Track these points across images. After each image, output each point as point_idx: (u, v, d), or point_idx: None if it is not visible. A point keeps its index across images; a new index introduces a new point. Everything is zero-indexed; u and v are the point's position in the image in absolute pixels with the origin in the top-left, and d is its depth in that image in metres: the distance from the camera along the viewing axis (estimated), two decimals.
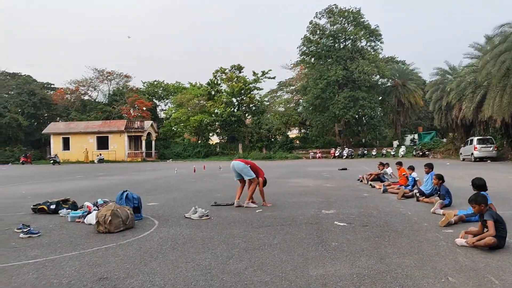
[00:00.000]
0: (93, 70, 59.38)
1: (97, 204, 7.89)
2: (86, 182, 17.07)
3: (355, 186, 12.81)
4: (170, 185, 14.63)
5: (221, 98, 51.69)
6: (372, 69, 43.76)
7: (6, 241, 5.72)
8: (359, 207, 8.35)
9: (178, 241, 5.57)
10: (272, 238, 5.63)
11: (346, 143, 48.77)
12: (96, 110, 56.13)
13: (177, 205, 9.03)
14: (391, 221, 6.77)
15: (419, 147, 43.33)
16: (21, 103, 53.88)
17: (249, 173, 8.63)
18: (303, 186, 13.15)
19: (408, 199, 9.42)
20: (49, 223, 7.04)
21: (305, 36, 47.53)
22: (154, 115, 59.86)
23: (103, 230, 6.06)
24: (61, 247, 5.28)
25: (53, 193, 11.64)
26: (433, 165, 9.97)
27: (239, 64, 53.31)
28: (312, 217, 7.32)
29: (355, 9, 46.83)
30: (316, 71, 46.93)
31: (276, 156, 45.37)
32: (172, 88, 62.40)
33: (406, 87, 48.94)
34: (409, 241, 5.33)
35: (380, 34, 47.02)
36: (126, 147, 48.90)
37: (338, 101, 44.55)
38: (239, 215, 7.62)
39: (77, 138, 49.68)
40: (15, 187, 14.85)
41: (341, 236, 5.69)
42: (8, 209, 8.86)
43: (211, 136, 58.67)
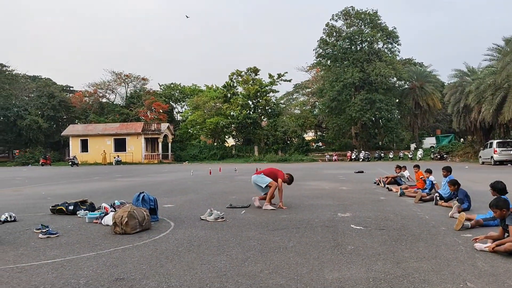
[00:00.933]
0: (111, 73, 60.24)
1: (114, 205, 7.98)
2: (104, 183, 17.29)
3: (372, 189, 12.70)
4: (186, 187, 14.72)
5: (237, 101, 51.82)
6: (389, 71, 43.35)
7: (26, 241, 5.82)
8: (375, 211, 8.27)
9: (194, 243, 5.59)
10: (288, 241, 5.61)
11: (363, 145, 48.37)
12: (114, 112, 56.81)
13: (193, 207, 9.08)
14: (408, 225, 6.69)
15: (437, 150, 42.72)
16: (41, 106, 54.85)
17: (264, 180, 8.73)
18: (319, 189, 13.09)
19: (426, 203, 9.29)
20: (67, 223, 7.14)
21: (322, 38, 47.38)
22: (171, 117, 60.31)
23: (119, 231, 6.13)
24: (79, 248, 5.35)
25: (71, 194, 11.82)
26: (451, 168, 9.82)
27: (255, 67, 53.43)
28: (328, 220, 7.28)
29: (372, 11, 46.56)
30: (332, 74, 46.71)
31: (291, 159, 45.24)
32: (189, 90, 62.80)
33: (424, 90, 48.35)
34: (427, 245, 5.25)
35: (397, 36, 46.63)
36: (143, 149, 49.36)
37: (354, 103, 44.25)
38: (254, 217, 7.62)
39: (95, 140, 50.33)
40: (35, 188, 15.12)
41: (357, 240, 5.65)
42: (28, 209, 9.02)
43: (227, 138, 58.81)
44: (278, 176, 8.84)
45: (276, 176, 8.82)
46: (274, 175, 8.84)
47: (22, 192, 13.64)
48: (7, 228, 6.77)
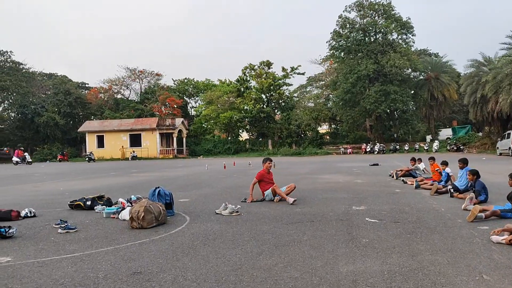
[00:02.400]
0: (125, 69, 60.78)
1: (131, 200, 8.10)
2: (120, 178, 17.51)
3: (387, 182, 12.63)
4: (201, 181, 14.83)
5: (251, 95, 51.82)
6: (404, 62, 42.77)
7: (46, 236, 5.96)
8: (390, 203, 8.24)
9: (209, 236, 5.66)
10: (302, 235, 5.64)
11: (378, 138, 47.96)
12: (129, 108, 57.31)
13: (207, 201, 9.16)
14: (423, 218, 6.66)
15: (453, 142, 42.15)
16: (57, 103, 55.62)
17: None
18: (333, 182, 13.08)
19: (442, 195, 9.22)
20: (85, 218, 7.28)
21: (335, 30, 46.95)
22: (185, 112, 60.62)
23: (136, 225, 6.23)
24: (97, 242, 5.46)
25: (88, 190, 12.01)
26: (467, 160, 9.71)
27: (268, 60, 53.29)
28: (342, 213, 7.28)
29: (385, 2, 45.92)
30: (346, 66, 46.29)
31: (306, 152, 45.11)
32: (202, 85, 62.98)
33: (440, 80, 47.64)
34: (442, 238, 5.23)
35: (412, 26, 45.91)
36: (158, 144, 49.77)
37: (369, 95, 43.84)
38: (268, 211, 7.66)
39: (111, 136, 50.91)
40: (53, 184, 15.40)
41: (372, 233, 5.65)
42: (47, 205, 9.21)
43: (240, 132, 58.91)
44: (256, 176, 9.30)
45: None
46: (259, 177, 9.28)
47: (41, 188, 13.91)
48: (27, 223, 6.93)
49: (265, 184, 9.13)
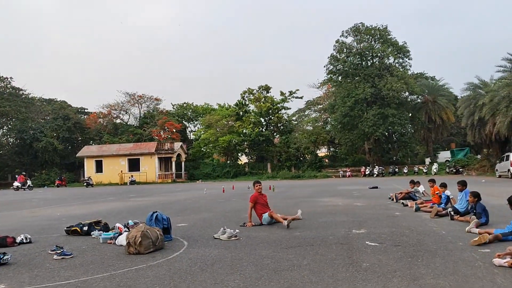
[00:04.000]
0: (125, 94, 61.00)
1: (128, 225, 8.01)
2: (118, 203, 17.39)
3: (387, 205, 12.55)
4: (199, 205, 14.72)
5: (249, 118, 52.08)
6: (401, 86, 43.15)
7: (41, 262, 5.86)
8: (390, 227, 8.17)
9: (207, 262, 5.57)
10: (302, 259, 5.56)
11: (376, 161, 47.96)
12: (128, 133, 57.41)
13: (206, 226, 9.07)
14: (424, 241, 6.59)
15: (452, 164, 42.13)
16: (56, 128, 55.74)
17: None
18: (332, 205, 12.99)
19: (442, 218, 9.15)
20: (82, 244, 7.18)
21: (332, 55, 47.53)
22: (184, 136, 60.72)
23: (133, 251, 6.14)
24: (93, 268, 5.37)
25: (86, 215, 11.90)
26: (466, 182, 9.68)
27: (266, 85, 53.80)
28: (342, 237, 7.20)
29: (381, 27, 46.61)
30: (343, 89, 46.67)
31: (305, 175, 45.02)
32: (201, 109, 63.31)
33: (437, 103, 47.98)
34: (444, 262, 5.16)
35: (408, 50, 46.52)
36: (156, 169, 49.66)
37: (367, 118, 44.05)
38: (268, 235, 7.57)
39: (109, 161, 50.82)
40: (50, 209, 15.26)
41: (373, 257, 5.57)
42: (43, 230, 9.10)
43: (239, 156, 58.91)
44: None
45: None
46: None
47: (38, 213, 13.78)
48: (22, 249, 6.83)
49: (261, 207, 9.08)
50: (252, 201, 9.11)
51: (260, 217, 9.01)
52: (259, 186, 9.43)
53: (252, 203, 9.10)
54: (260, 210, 9.06)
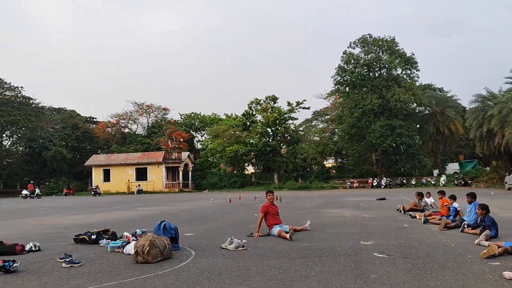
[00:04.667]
0: (133, 103, 61.40)
1: (136, 234, 8.04)
2: (125, 212, 17.43)
3: (394, 217, 12.47)
4: (206, 215, 14.72)
5: (256, 129, 52.14)
6: (408, 97, 43.07)
7: (50, 270, 5.90)
8: (399, 238, 8.11)
9: (215, 271, 5.57)
10: (309, 270, 5.54)
11: (384, 172, 47.70)
12: (136, 142, 57.68)
13: (213, 236, 9.07)
14: (433, 253, 6.54)
15: (460, 176, 41.78)
16: (65, 137, 56.21)
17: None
18: (340, 217, 12.93)
19: (451, 230, 9.08)
20: (90, 253, 7.21)
21: (339, 65, 47.62)
22: (191, 146, 60.89)
23: (141, 260, 6.16)
24: (101, 277, 5.39)
25: (93, 224, 11.95)
26: (475, 194, 9.61)
27: (273, 95, 53.93)
28: (350, 248, 7.16)
29: (389, 38, 46.72)
30: (351, 100, 46.67)
31: (312, 186, 44.84)
32: (208, 119, 63.54)
33: (445, 115, 47.76)
34: (453, 274, 5.12)
35: (415, 61, 46.49)
36: (164, 178, 49.78)
37: (374, 129, 43.93)
38: (275, 246, 7.56)
39: (117, 170, 51.05)
40: (58, 218, 15.34)
41: (381, 268, 5.54)
42: (52, 239, 9.16)
43: (246, 166, 58.87)
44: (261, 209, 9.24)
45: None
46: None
47: (46, 222, 13.86)
48: (31, 257, 6.88)
49: (272, 217, 9.03)
50: (263, 211, 9.05)
51: (270, 227, 8.95)
52: (271, 196, 9.38)
53: (263, 213, 9.03)
54: (270, 221, 9.00)
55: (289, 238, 8.16)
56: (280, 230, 8.66)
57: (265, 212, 9.05)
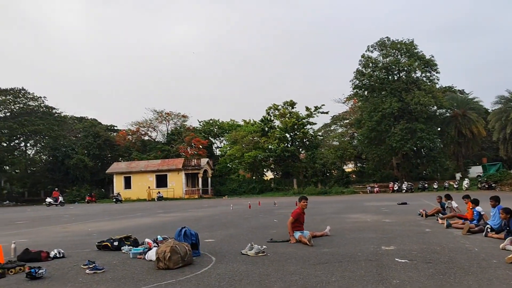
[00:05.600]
0: (153, 111, 62.21)
1: (157, 240, 8.13)
2: (146, 219, 17.62)
3: (416, 221, 12.30)
4: (226, 221, 14.78)
5: (275, 134, 52.11)
6: (429, 100, 42.47)
7: (74, 276, 6.01)
8: (421, 243, 8.00)
9: (235, 277, 5.60)
10: (330, 276, 5.52)
11: (405, 176, 47.05)
12: (156, 149, 58.32)
13: (233, 242, 9.10)
14: (456, 258, 6.43)
15: (484, 180, 40.88)
16: (87, 145, 57.26)
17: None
18: (361, 222, 12.82)
19: (474, 235, 8.91)
20: (112, 259, 7.32)
21: (358, 69, 47.34)
22: (210, 152, 61.23)
23: (162, 266, 6.23)
24: (124, 283, 5.47)
25: (115, 230, 12.12)
26: (499, 198, 9.42)
27: (291, 100, 53.84)
28: (371, 253, 7.10)
29: (407, 41, 46.26)
30: (370, 104, 46.31)
31: (332, 191, 44.52)
32: (227, 126, 63.87)
33: (467, 117, 46.91)
34: (477, 279, 5.03)
35: (435, 64, 45.87)
36: (183, 185, 50.16)
37: (394, 133, 43.44)
38: (295, 251, 7.54)
39: (137, 177, 51.68)
40: (82, 225, 15.61)
41: (403, 274, 5.48)
42: (76, 246, 9.33)
43: (265, 172, 58.87)
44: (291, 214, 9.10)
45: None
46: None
47: (70, 229, 14.12)
48: (56, 264, 7.02)
49: (298, 224, 8.95)
50: (295, 217, 8.90)
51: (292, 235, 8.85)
52: (305, 202, 9.22)
53: (294, 218, 8.89)
54: (295, 228, 8.91)
55: (308, 244, 8.12)
56: (300, 235, 8.62)
57: (296, 218, 8.92)
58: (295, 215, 8.93)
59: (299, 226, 8.97)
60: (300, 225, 9.00)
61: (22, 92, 55.69)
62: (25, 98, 56.10)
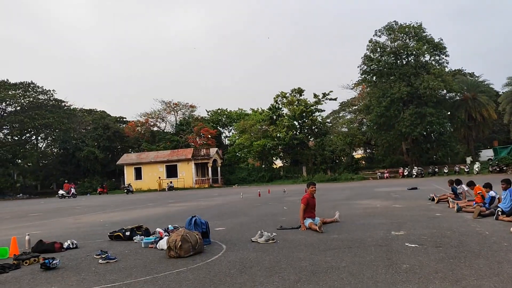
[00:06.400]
0: (161, 102, 62.38)
1: (168, 230, 8.21)
2: (158, 209, 17.78)
3: (427, 206, 12.27)
4: (236, 210, 14.86)
5: (283, 122, 51.99)
6: (438, 83, 41.97)
7: (87, 266, 6.12)
8: (431, 228, 7.99)
9: (246, 264, 5.64)
10: (340, 261, 5.55)
11: (415, 161, 46.77)
12: (165, 140, 58.59)
13: (243, 230, 9.16)
14: (466, 242, 6.42)
15: (495, 163, 40.48)
16: (97, 137, 57.68)
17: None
18: (370, 208, 12.81)
19: (485, 218, 8.87)
20: (124, 249, 7.42)
21: (365, 54, 46.86)
22: (219, 142, 61.36)
23: (174, 255, 6.30)
24: (136, 272, 5.55)
25: (127, 221, 12.26)
26: (510, 180, 9.34)
27: (299, 88, 53.55)
28: (381, 238, 7.11)
29: (416, 24, 45.63)
30: (378, 89, 45.91)
31: (341, 178, 44.46)
32: (235, 115, 63.88)
33: (477, 100, 46.36)
34: (488, 263, 5.02)
35: (444, 47, 45.19)
36: (193, 174, 50.41)
37: (403, 118, 43.09)
38: (305, 238, 7.58)
39: (148, 168, 52.03)
40: (94, 216, 15.80)
41: (413, 258, 5.49)
42: (88, 236, 9.46)
43: (274, 160, 58.89)
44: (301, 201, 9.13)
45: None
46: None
47: (82, 220, 14.31)
48: (69, 254, 7.14)
49: (308, 210, 8.95)
50: (305, 203, 8.92)
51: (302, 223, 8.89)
52: (314, 188, 9.25)
53: (305, 205, 8.91)
54: (306, 214, 8.91)
55: (319, 230, 8.15)
56: (311, 222, 8.64)
57: (306, 204, 8.95)
58: (305, 201, 8.95)
59: (310, 212, 8.96)
60: (311, 211, 9.00)
61: (32, 86, 56.14)
62: (34, 92, 56.53)
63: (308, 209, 8.95)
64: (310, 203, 9.04)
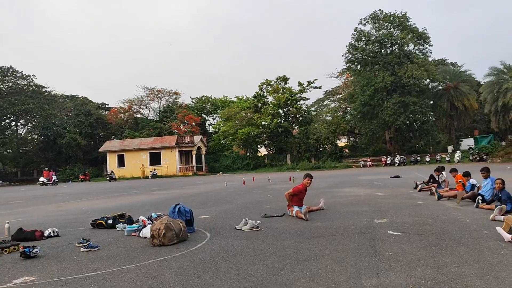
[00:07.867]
0: (144, 88, 61.59)
1: (151, 218, 8.15)
2: (141, 197, 17.65)
3: (409, 194, 12.43)
4: (220, 197, 14.83)
5: (268, 110, 51.97)
6: (421, 73, 42.37)
7: (69, 255, 6.02)
8: (413, 216, 8.09)
9: (230, 252, 5.63)
10: (324, 249, 5.57)
11: (398, 150, 47.36)
12: (148, 127, 58.04)
13: (228, 217, 9.14)
14: (448, 229, 6.52)
15: (476, 152, 41.27)
16: (78, 124, 56.78)
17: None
18: (354, 196, 12.92)
19: (465, 207, 9.01)
20: (107, 237, 7.34)
21: (350, 43, 46.95)
22: (203, 129, 61.07)
23: (157, 243, 6.25)
24: (119, 260, 5.49)
25: (110, 209, 12.13)
26: (489, 168, 9.51)
27: (284, 76, 53.48)
28: (364, 226, 7.17)
29: (400, 13, 45.80)
30: (363, 78, 46.14)
31: (325, 166, 44.79)
32: (220, 102, 63.56)
33: (459, 90, 46.97)
34: (469, 250, 5.10)
35: (428, 37, 45.58)
36: (177, 162, 50.14)
37: (387, 107, 43.46)
38: (289, 226, 7.60)
39: (131, 155, 51.53)
40: (76, 204, 15.61)
41: (395, 246, 5.54)
42: (70, 224, 9.33)
43: (259, 148, 58.95)
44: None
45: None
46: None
47: (64, 207, 14.11)
48: (50, 243, 7.02)
49: (298, 199, 8.95)
50: (296, 192, 8.94)
51: (290, 208, 8.90)
52: (310, 181, 9.20)
53: (294, 193, 8.92)
54: (294, 202, 8.93)
55: (304, 218, 8.17)
56: (297, 210, 8.66)
57: (296, 193, 8.93)
58: (296, 190, 8.97)
59: (298, 202, 8.98)
60: (300, 201, 9.01)
61: (11, 70, 54.82)
62: (13, 77, 55.27)
63: (296, 198, 8.95)
64: (300, 195, 9.03)
